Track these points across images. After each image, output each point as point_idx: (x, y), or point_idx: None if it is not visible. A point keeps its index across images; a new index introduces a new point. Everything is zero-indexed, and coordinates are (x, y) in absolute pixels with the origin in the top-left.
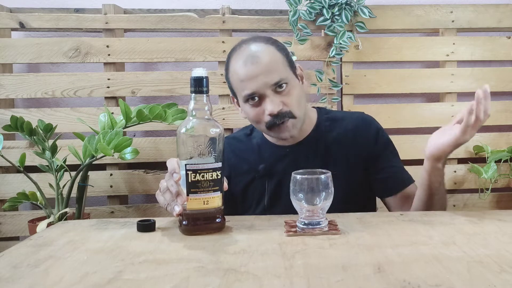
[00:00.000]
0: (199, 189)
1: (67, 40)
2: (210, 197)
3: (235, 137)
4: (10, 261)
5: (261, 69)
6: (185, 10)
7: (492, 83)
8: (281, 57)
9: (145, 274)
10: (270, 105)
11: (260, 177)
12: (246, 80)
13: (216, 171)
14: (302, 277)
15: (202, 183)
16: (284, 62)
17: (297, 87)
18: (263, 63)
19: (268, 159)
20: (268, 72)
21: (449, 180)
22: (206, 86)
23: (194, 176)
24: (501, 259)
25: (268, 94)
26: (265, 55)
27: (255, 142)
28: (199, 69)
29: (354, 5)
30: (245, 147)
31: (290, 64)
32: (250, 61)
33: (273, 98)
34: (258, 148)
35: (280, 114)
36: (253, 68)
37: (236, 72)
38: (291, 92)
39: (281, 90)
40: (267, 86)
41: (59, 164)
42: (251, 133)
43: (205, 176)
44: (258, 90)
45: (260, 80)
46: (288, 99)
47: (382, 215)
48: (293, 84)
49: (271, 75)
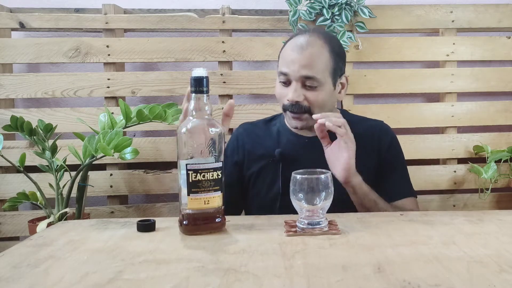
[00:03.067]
0: (199, 188)
1: (67, 40)
2: (210, 196)
3: (253, 123)
4: (10, 261)
5: (300, 60)
6: (185, 10)
7: (492, 83)
8: (327, 60)
9: (145, 274)
10: (291, 93)
11: (275, 161)
12: (285, 61)
13: (217, 170)
14: (302, 277)
15: (203, 183)
16: (327, 65)
17: (327, 91)
18: (305, 56)
19: (285, 145)
20: (304, 66)
21: (449, 180)
22: (206, 86)
23: (195, 176)
24: (501, 259)
25: (294, 82)
26: (312, 51)
27: (275, 128)
28: (199, 69)
29: (354, 5)
30: (262, 132)
31: (335, 70)
32: (297, 48)
33: (297, 88)
34: (277, 133)
35: (298, 105)
36: (295, 55)
37: (286, 49)
38: (319, 92)
39: (309, 85)
40: (297, 75)
41: (59, 164)
42: (271, 120)
43: (206, 176)
44: (288, 74)
45: (295, 67)
46: (313, 96)
47: (382, 215)
48: (324, 87)
49: (305, 69)
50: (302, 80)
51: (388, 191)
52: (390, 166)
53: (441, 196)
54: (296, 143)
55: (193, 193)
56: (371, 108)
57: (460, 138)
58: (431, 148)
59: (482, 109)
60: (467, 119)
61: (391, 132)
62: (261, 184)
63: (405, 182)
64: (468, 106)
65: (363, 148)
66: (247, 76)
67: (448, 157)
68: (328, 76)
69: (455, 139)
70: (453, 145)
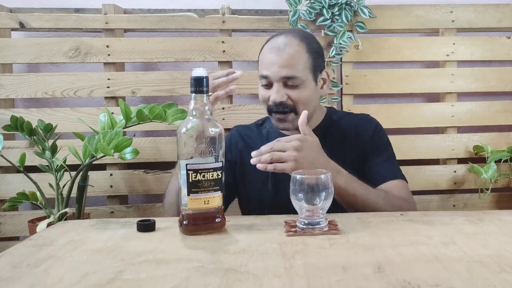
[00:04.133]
0: (200, 188)
1: (67, 40)
2: (210, 196)
3: (246, 126)
4: (10, 261)
5: (279, 61)
6: (185, 10)
7: (492, 83)
8: (306, 57)
9: (145, 274)
10: (274, 94)
11: None
12: (264, 64)
13: (217, 170)
14: (302, 277)
15: (203, 183)
16: (306, 63)
17: (310, 89)
18: (283, 57)
19: None
20: (284, 66)
21: (449, 180)
22: (206, 86)
23: (195, 176)
24: (501, 259)
25: (276, 83)
26: (289, 50)
27: (264, 131)
28: (199, 69)
29: (354, 5)
30: (254, 135)
31: (314, 67)
32: (274, 50)
33: (280, 88)
34: (266, 136)
35: (283, 105)
36: (273, 57)
37: (263, 53)
38: (301, 90)
39: (292, 85)
40: (277, 76)
41: (59, 164)
42: (262, 123)
43: (206, 176)
44: (269, 76)
45: (274, 69)
46: (296, 94)
47: (382, 215)
48: (306, 84)
49: (285, 69)
50: (283, 80)
51: (374, 175)
52: (374, 152)
53: (441, 196)
54: None
55: (193, 193)
56: (371, 108)
57: (460, 138)
58: (431, 148)
59: (482, 109)
60: (467, 119)
61: (375, 121)
62: (251, 186)
63: (390, 165)
64: (468, 106)
65: (347, 141)
66: (247, 76)
67: (448, 157)
68: (308, 74)
69: (455, 139)
70: (453, 145)
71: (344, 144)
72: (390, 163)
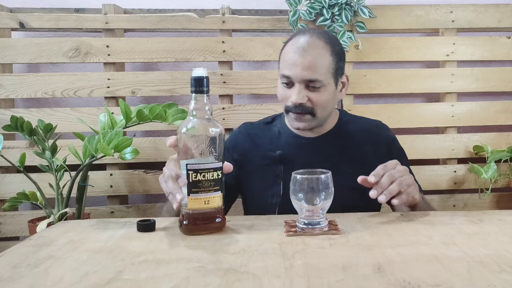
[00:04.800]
0: (200, 188)
1: (67, 40)
2: (211, 197)
3: (253, 124)
4: (10, 261)
5: (302, 62)
6: (185, 10)
7: (492, 83)
8: (329, 61)
9: (145, 274)
10: (295, 95)
11: (275, 162)
12: (287, 64)
13: (217, 170)
14: (302, 277)
15: (203, 183)
16: (328, 66)
17: (330, 92)
18: (307, 59)
19: (286, 146)
20: (307, 68)
21: (449, 180)
22: (206, 86)
23: (195, 176)
24: (501, 259)
25: (298, 84)
26: (313, 53)
27: (275, 129)
28: (199, 69)
29: (354, 5)
30: (262, 133)
31: (336, 71)
32: (299, 51)
33: (301, 90)
34: (278, 134)
35: (302, 107)
36: (297, 58)
37: (286, 52)
38: (322, 93)
39: (313, 87)
40: (300, 78)
41: (59, 164)
42: (272, 121)
43: (206, 176)
44: (291, 77)
45: (297, 70)
46: (316, 97)
47: (382, 215)
48: (327, 87)
49: (308, 71)
50: (305, 82)
51: None
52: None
53: (441, 196)
54: (296, 144)
55: (193, 193)
56: (371, 108)
57: (460, 138)
58: (431, 148)
59: (482, 109)
60: (467, 119)
61: (390, 132)
62: (259, 185)
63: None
64: (468, 106)
65: (359, 143)
66: (247, 76)
67: (448, 157)
68: (330, 77)
69: (455, 139)
70: (453, 145)
71: (356, 146)
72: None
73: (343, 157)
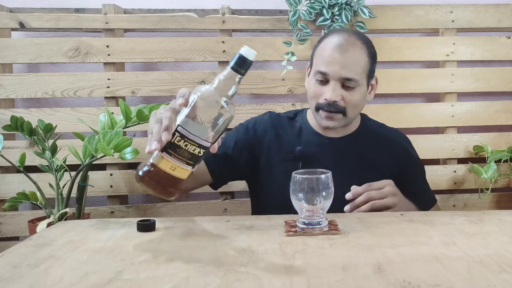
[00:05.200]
0: (175, 153)
1: (67, 40)
2: (180, 167)
3: (279, 115)
4: (10, 261)
5: (341, 60)
6: (185, 10)
7: (492, 83)
8: (366, 62)
9: (145, 274)
10: (330, 92)
11: (295, 158)
12: (325, 60)
13: (201, 148)
14: (302, 277)
15: (181, 151)
16: (364, 68)
17: (362, 93)
18: (347, 57)
19: (306, 143)
20: (346, 66)
21: (449, 180)
22: (246, 69)
23: (178, 140)
24: (501, 259)
25: (333, 82)
26: (353, 52)
27: (297, 125)
28: (250, 51)
29: (354, 5)
30: (287, 127)
31: (369, 72)
32: (339, 49)
33: (336, 87)
34: (299, 131)
35: (335, 105)
36: (337, 56)
37: (324, 48)
38: (355, 93)
39: (348, 86)
40: (337, 76)
41: (59, 164)
42: (294, 117)
43: (188, 147)
44: (329, 74)
45: (336, 68)
46: (349, 97)
47: (382, 215)
48: (361, 88)
49: (346, 70)
50: (341, 80)
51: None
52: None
53: (441, 196)
54: (317, 143)
55: (167, 153)
56: (371, 108)
57: (460, 138)
58: (431, 148)
59: (482, 109)
60: (467, 119)
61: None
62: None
63: (428, 189)
64: (468, 106)
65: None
66: (247, 76)
67: (448, 157)
68: (364, 78)
69: (455, 139)
70: (453, 145)
71: (376, 152)
72: (428, 186)
73: (363, 161)
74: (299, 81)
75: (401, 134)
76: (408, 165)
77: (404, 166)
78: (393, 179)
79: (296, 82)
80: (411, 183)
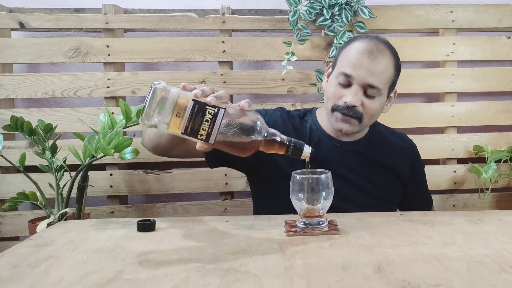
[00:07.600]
0: (191, 115)
1: (67, 40)
2: (179, 122)
3: (290, 112)
4: (10, 261)
5: (369, 66)
6: (185, 10)
7: (492, 83)
8: (391, 73)
9: (145, 274)
10: (351, 96)
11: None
12: (352, 63)
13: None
14: (302, 277)
15: (197, 119)
16: (389, 78)
17: (381, 103)
18: (375, 64)
19: (316, 144)
20: (372, 73)
21: (449, 180)
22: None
23: (209, 112)
24: (501, 259)
25: (356, 86)
26: (382, 60)
27: (307, 125)
28: (307, 149)
29: (354, 5)
30: (298, 125)
31: (392, 84)
32: (368, 54)
33: (358, 92)
34: (309, 131)
35: (353, 110)
36: (365, 61)
37: (351, 51)
38: (375, 102)
39: (370, 93)
40: (363, 81)
41: (59, 164)
42: (304, 116)
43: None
44: (354, 77)
45: (362, 72)
46: (369, 104)
47: (382, 215)
48: (381, 98)
49: (372, 77)
50: (365, 86)
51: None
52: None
53: (441, 196)
54: (328, 145)
55: (191, 109)
56: None
57: (460, 138)
58: (431, 148)
59: (482, 109)
60: (467, 119)
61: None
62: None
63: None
64: (468, 106)
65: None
66: (247, 76)
67: (448, 157)
68: (386, 88)
69: (455, 139)
70: (453, 145)
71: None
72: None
73: (373, 166)
74: (299, 81)
75: (408, 139)
76: (417, 170)
77: (413, 171)
78: (401, 183)
79: (296, 82)
80: (417, 187)
